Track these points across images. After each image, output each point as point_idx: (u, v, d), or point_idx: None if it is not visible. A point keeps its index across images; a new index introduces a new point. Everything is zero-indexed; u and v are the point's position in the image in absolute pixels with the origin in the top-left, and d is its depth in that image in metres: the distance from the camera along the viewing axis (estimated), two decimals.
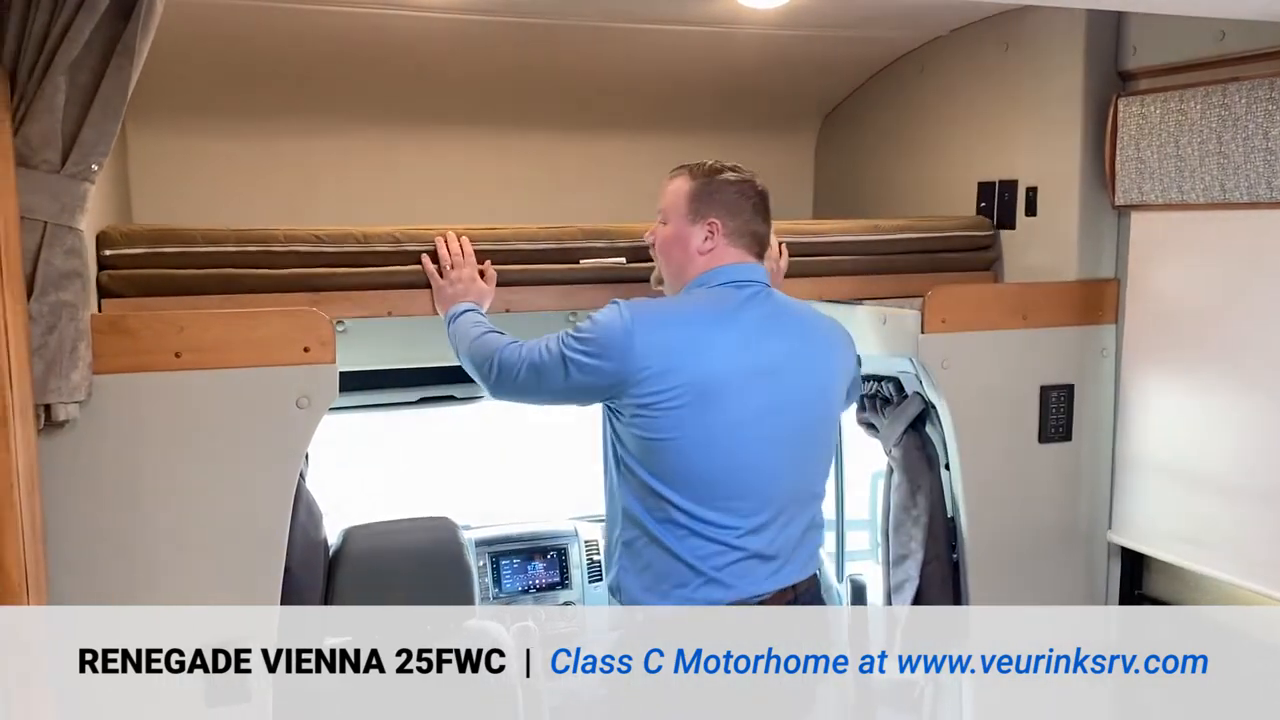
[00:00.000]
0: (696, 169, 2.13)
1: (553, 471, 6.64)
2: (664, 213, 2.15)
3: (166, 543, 1.94)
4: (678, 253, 2.11)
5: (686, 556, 1.96)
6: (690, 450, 1.94)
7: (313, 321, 2.00)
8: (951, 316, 2.41)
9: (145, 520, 1.92)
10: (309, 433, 2.01)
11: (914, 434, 2.57)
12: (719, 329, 1.99)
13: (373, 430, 4.85)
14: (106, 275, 2.06)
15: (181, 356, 1.92)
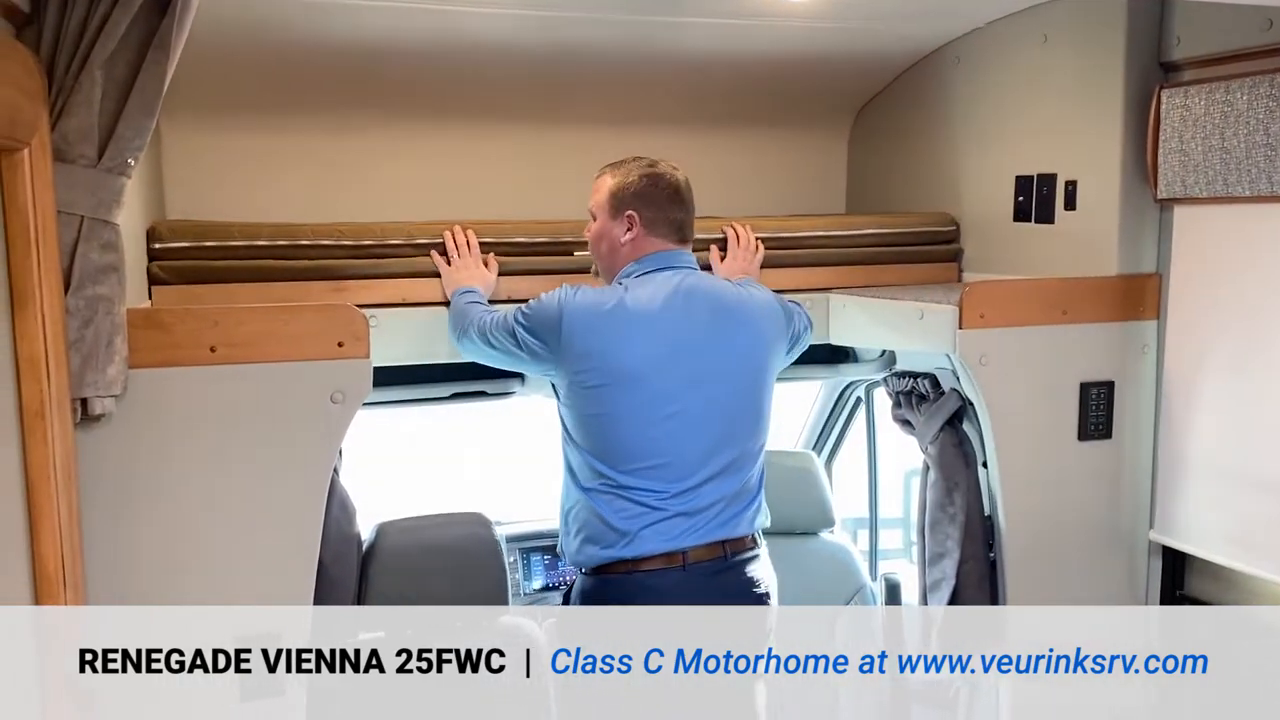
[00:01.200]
0: (617, 167, 2.30)
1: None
2: (592, 210, 2.33)
3: (200, 537, 1.94)
4: (604, 245, 2.30)
5: (613, 519, 2.14)
6: (615, 424, 2.15)
7: (347, 316, 1.99)
8: (990, 312, 2.38)
9: (179, 514, 1.92)
10: (343, 427, 2.01)
11: (951, 431, 2.54)
12: (640, 312, 2.16)
13: (403, 427, 4.85)
14: (157, 266, 2.28)
15: (216, 351, 1.92)
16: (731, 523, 2.21)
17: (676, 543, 2.14)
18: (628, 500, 2.14)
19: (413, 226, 2.50)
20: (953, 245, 2.96)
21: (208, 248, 2.34)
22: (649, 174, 2.27)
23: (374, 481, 3.30)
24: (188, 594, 1.93)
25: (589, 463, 2.17)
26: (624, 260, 2.27)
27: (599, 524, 2.15)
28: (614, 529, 2.14)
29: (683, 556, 2.14)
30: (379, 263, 2.44)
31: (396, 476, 6.09)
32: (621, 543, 2.13)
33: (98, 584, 1.79)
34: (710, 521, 2.17)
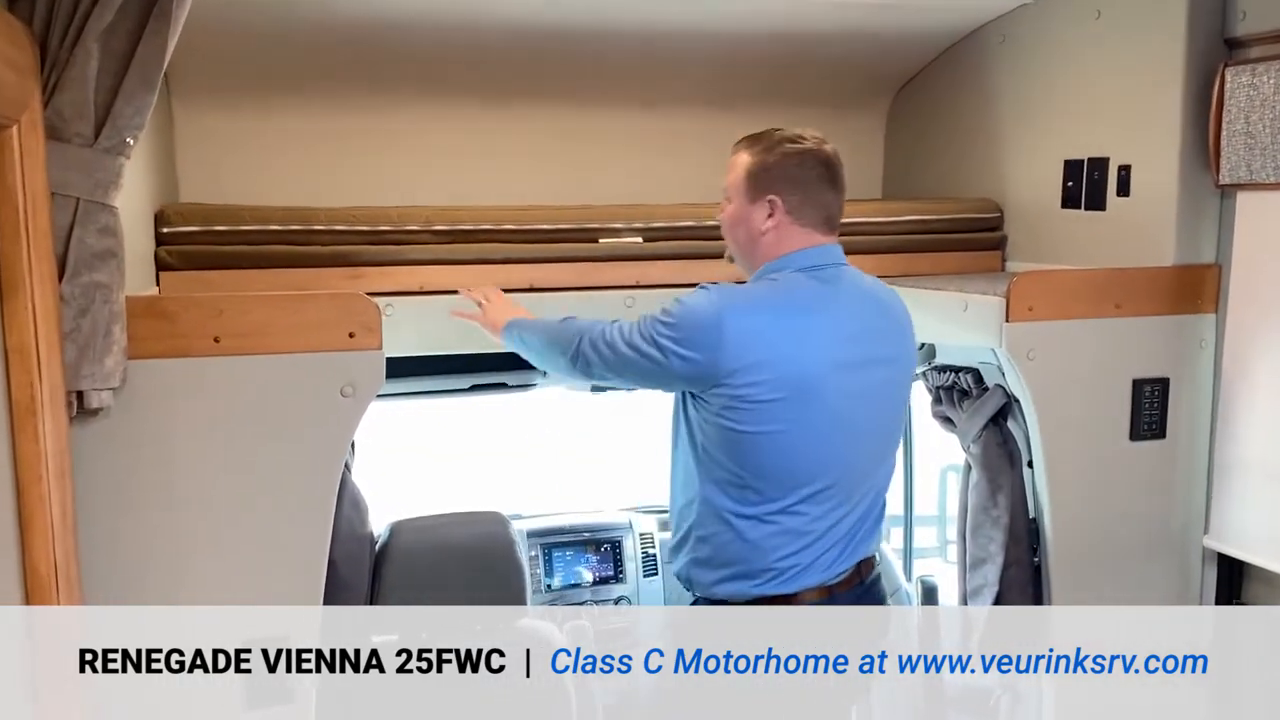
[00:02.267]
0: (755, 140, 1.98)
1: (604, 461, 6.63)
2: (727, 190, 2.03)
3: (203, 536, 1.85)
4: (741, 233, 2.00)
5: (772, 554, 1.88)
6: (783, 444, 1.85)
7: (359, 305, 1.89)
8: (1038, 303, 2.25)
9: (182, 512, 1.83)
10: (354, 423, 1.91)
11: (994, 429, 2.41)
12: (809, 318, 1.88)
13: (421, 417, 4.78)
14: (165, 251, 2.21)
15: (220, 341, 1.82)
16: (867, 542, 2.01)
17: (829, 572, 1.93)
18: (788, 531, 1.88)
19: (430, 212, 2.42)
20: (996, 233, 2.83)
21: (217, 232, 2.28)
22: (795, 151, 1.93)
23: (389, 474, 3.22)
24: (192, 595, 1.85)
25: (742, 486, 1.87)
26: (766, 251, 1.95)
27: (752, 556, 1.88)
28: (771, 565, 1.88)
29: (830, 589, 1.94)
30: (396, 249, 2.38)
31: (410, 469, 6.08)
32: (780, 579, 1.89)
33: (97, 586, 1.71)
34: (853, 544, 1.96)
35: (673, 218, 2.58)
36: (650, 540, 3.31)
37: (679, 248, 2.56)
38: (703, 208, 2.59)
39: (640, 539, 3.29)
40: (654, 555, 3.29)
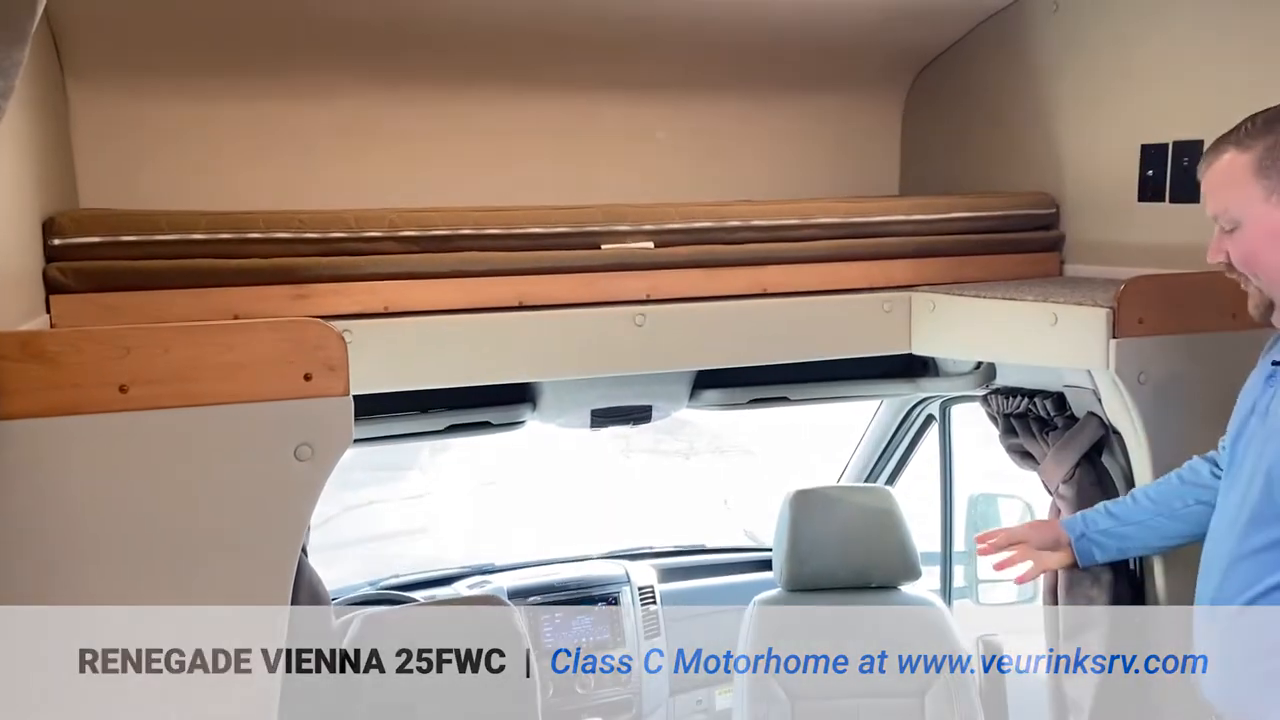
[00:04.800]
0: (1241, 134, 1.54)
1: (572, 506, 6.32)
2: (1223, 215, 1.56)
3: (113, 658, 1.35)
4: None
5: None
6: None
7: (316, 336, 1.42)
8: (1151, 314, 1.86)
9: (79, 627, 1.34)
10: (314, 493, 1.44)
11: (1088, 466, 2.01)
12: None
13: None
14: (55, 269, 1.78)
15: (128, 391, 1.33)
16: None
17: None
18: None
19: (396, 215, 1.99)
20: (1051, 232, 2.45)
21: (125, 244, 1.83)
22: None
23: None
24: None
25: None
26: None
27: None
28: None
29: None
30: (353, 261, 1.93)
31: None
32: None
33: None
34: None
35: (688, 218, 2.16)
36: (651, 594, 2.86)
37: (696, 254, 2.14)
38: (721, 207, 2.19)
39: (640, 593, 2.85)
40: (655, 613, 2.85)
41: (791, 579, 2.42)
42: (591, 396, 2.32)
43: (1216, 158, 1.58)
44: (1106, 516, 1.88)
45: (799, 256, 2.22)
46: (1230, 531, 1.59)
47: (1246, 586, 1.52)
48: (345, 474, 7.34)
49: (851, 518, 2.41)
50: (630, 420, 2.41)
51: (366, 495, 7.60)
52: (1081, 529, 1.88)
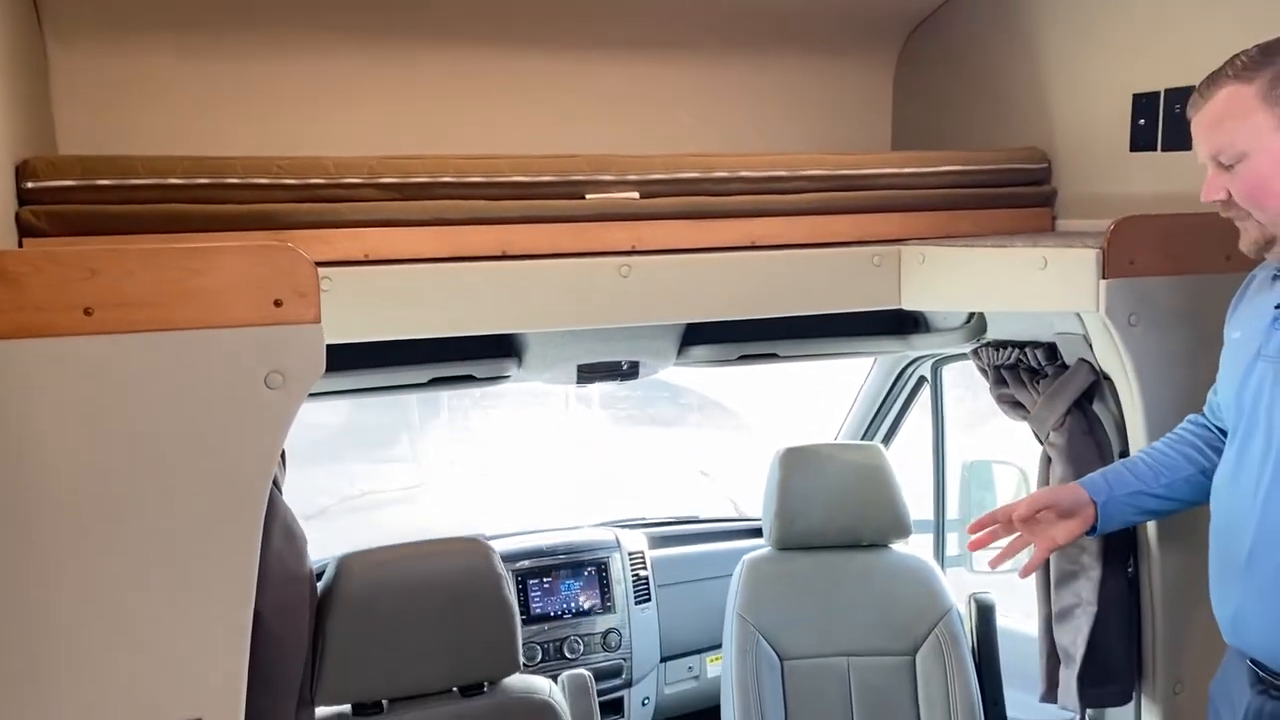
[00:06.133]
0: (1238, 66, 1.52)
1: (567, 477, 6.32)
2: (1225, 150, 1.53)
3: (76, 591, 1.33)
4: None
5: None
6: None
7: (286, 262, 1.39)
8: (1142, 256, 1.83)
9: (44, 555, 1.31)
10: (284, 424, 1.41)
11: (1078, 414, 1.98)
12: None
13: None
14: (29, 211, 1.73)
15: (93, 314, 1.31)
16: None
17: None
18: None
19: (376, 162, 1.94)
20: (1044, 186, 2.42)
21: (100, 188, 1.78)
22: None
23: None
24: (62, 673, 1.33)
25: None
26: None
27: None
28: None
29: None
30: (332, 208, 1.88)
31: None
32: None
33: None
34: None
35: (674, 169, 2.12)
36: (641, 560, 2.84)
37: (682, 205, 2.10)
38: (708, 158, 2.16)
39: (630, 559, 2.82)
40: (645, 578, 2.82)
41: (781, 538, 2.39)
42: (578, 351, 2.28)
43: (1213, 92, 1.55)
44: (1132, 478, 1.78)
45: (787, 209, 2.19)
46: (1260, 479, 1.52)
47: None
48: (342, 465, 7.41)
49: (841, 475, 2.38)
50: (617, 376, 2.37)
51: (361, 487, 7.59)
52: (1108, 492, 1.77)
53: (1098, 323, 1.86)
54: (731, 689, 2.27)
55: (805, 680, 2.28)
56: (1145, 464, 1.79)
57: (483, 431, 8.12)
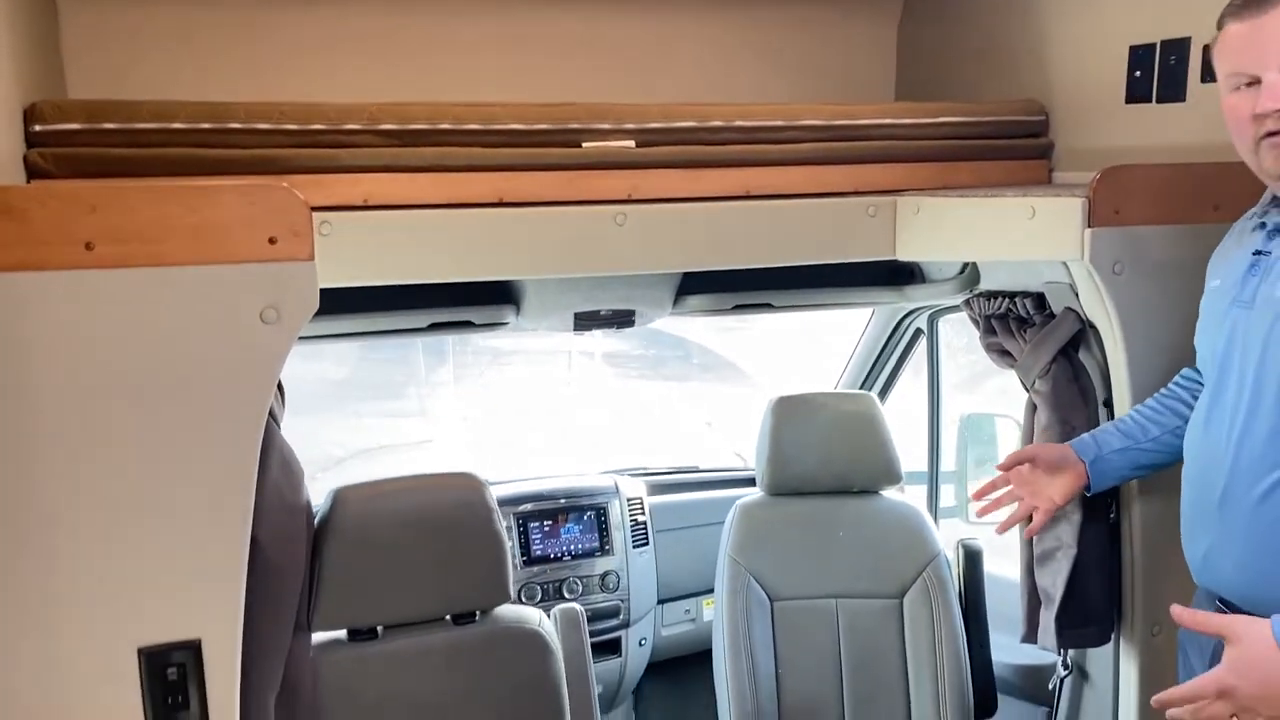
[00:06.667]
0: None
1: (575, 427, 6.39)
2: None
3: (77, 515, 1.39)
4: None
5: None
6: None
7: (281, 201, 1.43)
8: (1127, 205, 1.85)
9: (44, 485, 1.37)
10: (279, 358, 1.46)
11: (1064, 362, 2.01)
12: None
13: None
14: (37, 154, 1.76)
15: (94, 249, 1.35)
16: None
17: None
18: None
19: (375, 108, 1.97)
20: (1041, 139, 2.43)
21: (105, 131, 1.81)
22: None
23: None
24: (58, 595, 1.40)
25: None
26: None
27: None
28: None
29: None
30: (332, 153, 1.92)
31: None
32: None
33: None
34: None
35: (669, 118, 2.14)
36: (639, 506, 2.90)
37: (678, 154, 2.13)
38: (705, 107, 2.18)
39: (628, 504, 2.88)
40: (644, 523, 2.88)
41: (773, 484, 2.44)
42: (574, 299, 2.32)
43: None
44: (1119, 436, 1.83)
45: (784, 159, 2.20)
46: (1233, 422, 1.55)
47: (1271, 468, 1.49)
48: (356, 420, 7.48)
49: (833, 423, 2.41)
50: (614, 324, 2.41)
51: (375, 440, 7.69)
52: (1096, 451, 1.82)
53: (1083, 271, 1.89)
54: (722, 628, 2.32)
55: (794, 620, 2.34)
56: (1134, 420, 1.84)
57: (498, 388, 8.19)
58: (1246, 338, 1.54)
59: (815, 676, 2.31)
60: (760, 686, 2.27)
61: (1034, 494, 1.87)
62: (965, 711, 2.27)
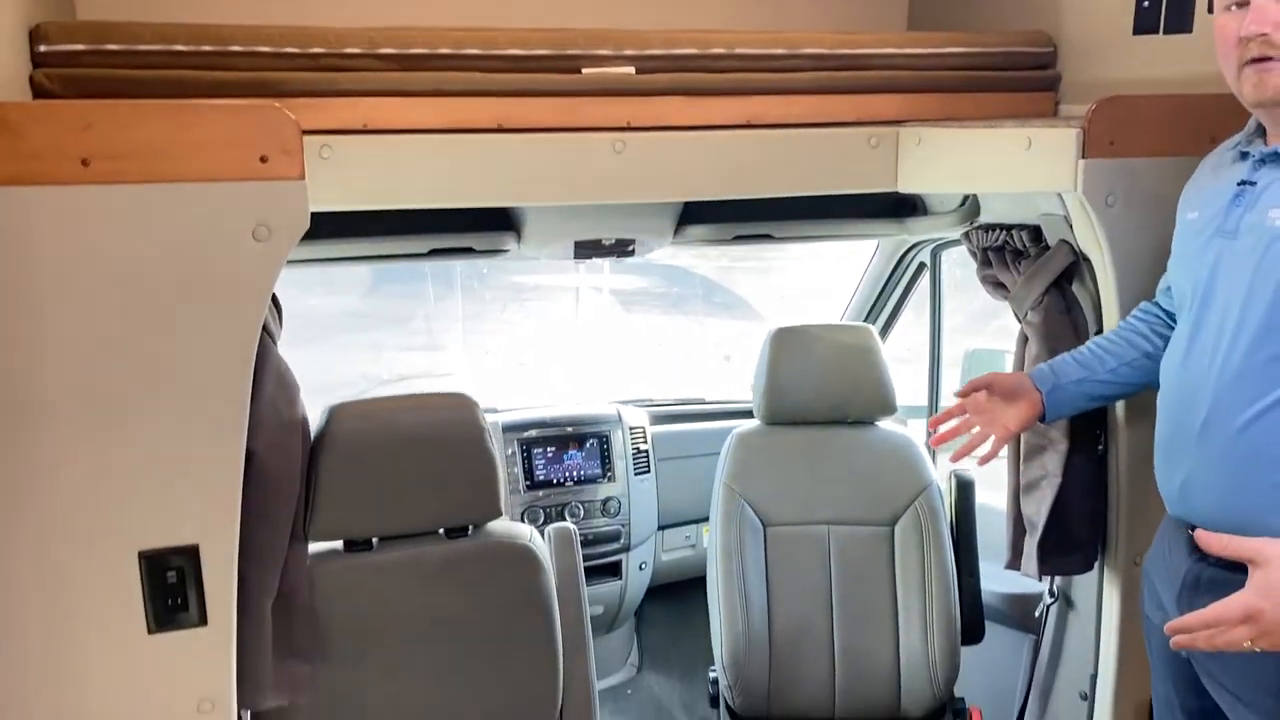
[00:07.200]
0: None
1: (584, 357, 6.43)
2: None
3: (75, 427, 1.45)
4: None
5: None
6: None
7: (272, 120, 1.47)
8: (1122, 137, 1.84)
9: (42, 393, 1.42)
10: (270, 275, 1.50)
11: (1056, 294, 2.02)
12: None
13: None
14: (43, 74, 1.77)
15: (90, 165, 1.39)
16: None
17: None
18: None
19: (375, 32, 1.97)
20: (1048, 71, 2.39)
21: (108, 53, 1.83)
22: None
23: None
24: (53, 503, 1.46)
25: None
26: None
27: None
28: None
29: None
30: (332, 77, 1.93)
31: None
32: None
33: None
34: None
35: (670, 44, 2.13)
36: (642, 434, 2.94)
37: (678, 81, 2.12)
38: (706, 34, 2.16)
39: (631, 433, 2.92)
40: (645, 451, 2.93)
41: (770, 413, 2.47)
42: (575, 227, 2.34)
43: None
44: (1077, 366, 1.85)
45: (785, 88, 2.19)
46: (1214, 354, 1.56)
47: (1252, 400, 1.50)
48: (377, 353, 7.55)
49: (831, 353, 2.43)
50: (614, 253, 2.43)
51: (394, 371, 7.76)
52: (1053, 381, 1.84)
53: (1076, 203, 1.88)
54: (716, 552, 2.38)
55: (786, 545, 2.38)
56: (1091, 352, 1.85)
57: (521, 324, 8.24)
58: (1231, 269, 1.54)
59: (805, 601, 2.36)
60: (752, 609, 2.33)
61: (990, 422, 1.89)
62: (952, 637, 2.32)
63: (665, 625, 3.24)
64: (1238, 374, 1.52)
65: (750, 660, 2.31)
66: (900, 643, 2.34)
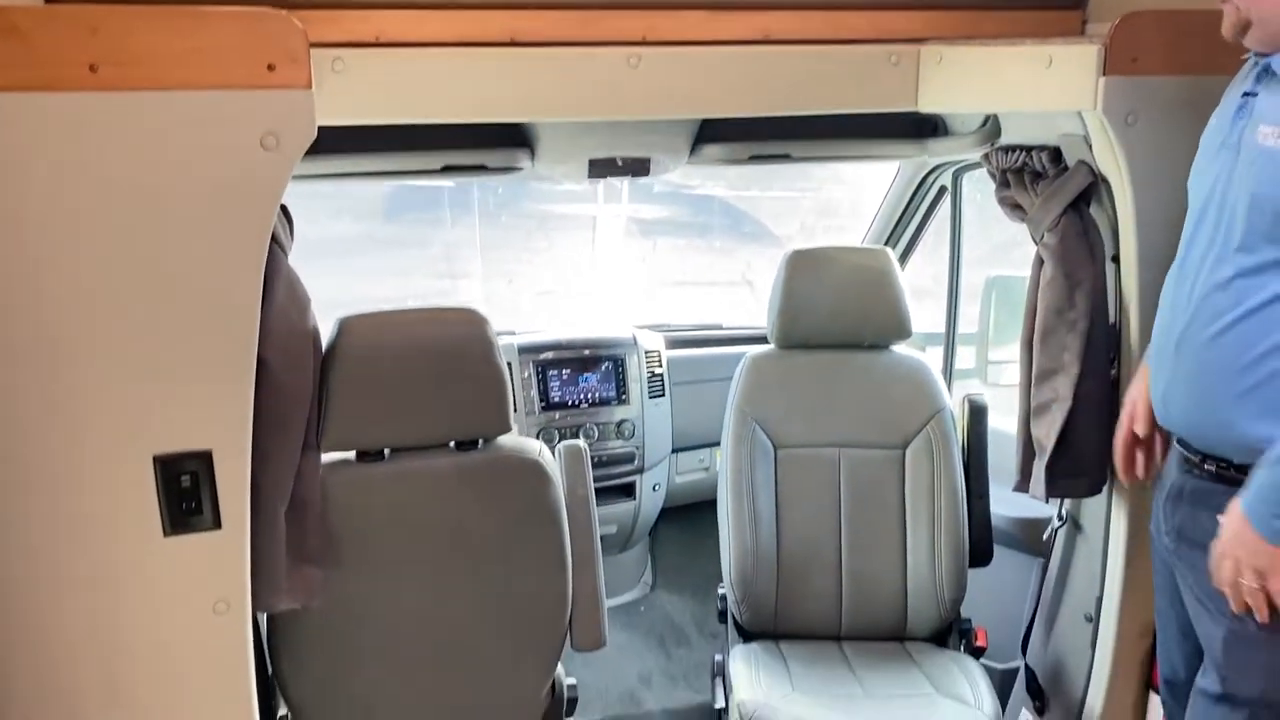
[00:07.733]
0: None
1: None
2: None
3: (84, 334, 1.47)
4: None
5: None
6: None
7: (279, 29, 1.46)
8: (1145, 54, 1.80)
9: (51, 305, 1.45)
10: (279, 184, 1.51)
11: (1074, 216, 1.99)
12: None
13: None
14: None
15: (98, 71, 1.40)
16: None
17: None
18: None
19: None
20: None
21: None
22: None
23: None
24: (69, 409, 1.49)
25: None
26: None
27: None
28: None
29: None
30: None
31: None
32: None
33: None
34: None
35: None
36: (657, 359, 2.95)
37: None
38: None
39: (646, 356, 2.93)
40: (660, 375, 2.94)
41: (784, 336, 2.46)
42: (589, 145, 2.32)
43: None
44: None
45: (804, 2, 2.15)
46: (1201, 267, 1.60)
47: (1223, 312, 1.54)
48: (406, 279, 7.52)
49: (846, 277, 2.42)
50: (629, 172, 2.41)
51: (421, 295, 7.80)
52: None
53: (1096, 121, 1.85)
54: (727, 472, 2.40)
55: (797, 467, 2.40)
56: None
57: (546, 252, 8.23)
58: (1229, 182, 1.55)
59: (814, 521, 2.38)
60: (760, 528, 2.36)
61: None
62: (960, 559, 2.33)
63: (679, 546, 3.28)
64: (1212, 288, 1.56)
65: (758, 577, 2.34)
66: (908, 564, 2.36)
